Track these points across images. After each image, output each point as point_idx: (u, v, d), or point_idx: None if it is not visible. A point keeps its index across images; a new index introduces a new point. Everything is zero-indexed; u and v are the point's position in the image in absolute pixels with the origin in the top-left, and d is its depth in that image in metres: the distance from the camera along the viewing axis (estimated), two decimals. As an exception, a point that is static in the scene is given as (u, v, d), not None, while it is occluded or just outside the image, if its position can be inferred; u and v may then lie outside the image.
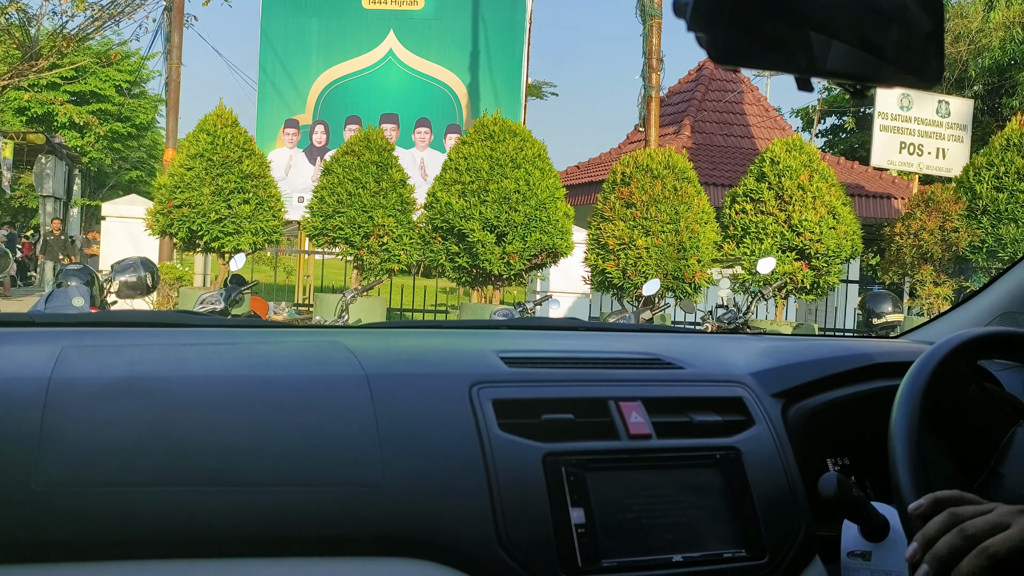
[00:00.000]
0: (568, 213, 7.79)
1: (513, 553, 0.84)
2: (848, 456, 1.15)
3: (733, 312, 6.24)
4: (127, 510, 0.77)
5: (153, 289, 5.04)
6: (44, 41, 12.93)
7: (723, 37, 0.67)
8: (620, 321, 6.19)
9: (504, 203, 7.43)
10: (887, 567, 0.91)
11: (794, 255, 7.49)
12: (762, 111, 16.91)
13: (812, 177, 7.50)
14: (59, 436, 0.79)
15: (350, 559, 0.81)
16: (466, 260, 7.66)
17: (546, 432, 0.92)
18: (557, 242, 7.59)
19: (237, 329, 1.22)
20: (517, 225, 7.46)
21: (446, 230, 7.67)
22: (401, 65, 12.60)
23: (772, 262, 6.33)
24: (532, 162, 7.59)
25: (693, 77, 17.11)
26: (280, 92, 12.59)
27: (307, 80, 12.59)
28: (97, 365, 0.89)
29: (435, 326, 1.38)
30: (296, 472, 0.82)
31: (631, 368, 1.07)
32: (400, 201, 7.89)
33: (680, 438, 0.97)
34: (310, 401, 0.89)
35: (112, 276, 4.70)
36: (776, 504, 0.96)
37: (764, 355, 1.16)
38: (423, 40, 12.54)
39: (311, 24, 12.61)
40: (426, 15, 12.55)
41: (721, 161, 14.15)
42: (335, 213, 7.82)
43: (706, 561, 0.91)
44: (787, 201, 7.45)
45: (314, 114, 12.60)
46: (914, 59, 0.73)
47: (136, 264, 4.79)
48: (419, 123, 12.53)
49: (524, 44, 12.49)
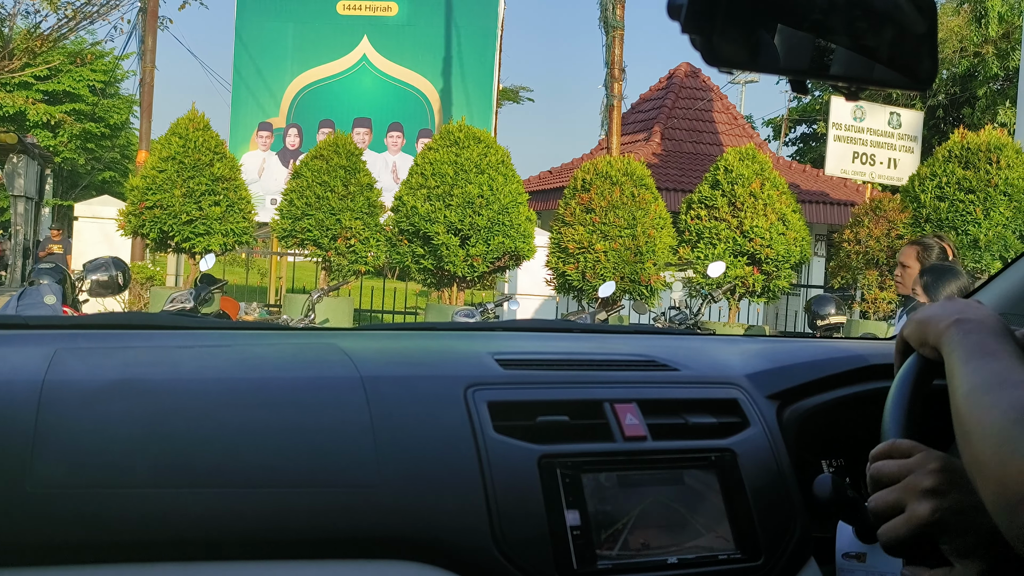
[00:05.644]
0: (530, 217, 8.08)
1: (508, 555, 0.84)
2: (843, 457, 1.15)
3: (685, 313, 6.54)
4: (122, 513, 0.77)
5: (124, 288, 5.16)
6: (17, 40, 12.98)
7: (717, 39, 0.68)
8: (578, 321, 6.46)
9: (468, 207, 7.69)
10: (882, 568, 0.90)
11: (745, 260, 7.81)
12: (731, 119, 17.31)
13: (764, 185, 7.83)
14: (53, 438, 0.78)
15: (345, 561, 0.82)
16: (431, 262, 7.91)
17: (541, 434, 0.92)
18: (519, 245, 7.86)
19: (232, 331, 1.23)
20: (480, 228, 7.72)
21: (412, 233, 7.92)
22: (374, 70, 12.81)
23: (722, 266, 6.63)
24: (495, 168, 7.86)
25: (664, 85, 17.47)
26: (254, 95, 12.74)
27: (281, 83, 12.75)
28: (91, 367, 0.89)
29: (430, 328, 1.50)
30: (291, 474, 0.82)
31: (626, 370, 1.07)
32: (367, 204, 8.13)
33: (675, 440, 0.97)
34: (305, 403, 0.89)
35: (84, 275, 4.79)
36: (771, 505, 0.97)
37: (759, 357, 1.16)
38: (396, 46, 12.74)
39: (286, 28, 12.77)
40: (399, 21, 12.76)
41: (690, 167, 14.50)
42: (304, 216, 8.04)
43: (701, 563, 0.91)
44: (739, 208, 7.78)
45: (288, 117, 12.76)
46: (907, 60, 0.73)
47: (107, 263, 4.86)
48: (392, 127, 12.75)
49: (496, 51, 12.76)
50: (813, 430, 1.09)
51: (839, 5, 0.70)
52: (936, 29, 0.74)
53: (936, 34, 0.74)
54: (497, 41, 12.76)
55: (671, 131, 16.30)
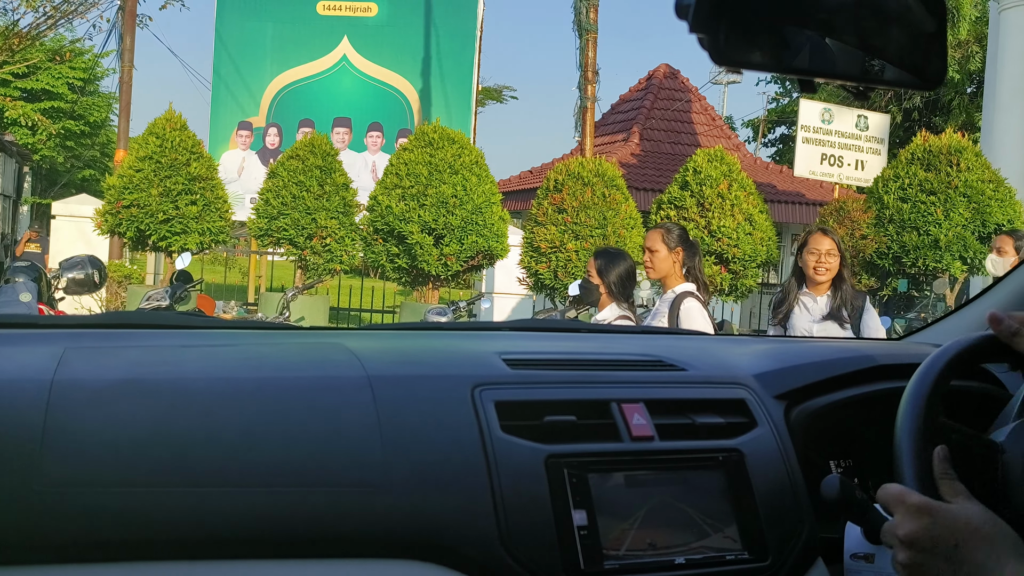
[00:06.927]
0: (504, 217, 8.23)
1: (515, 555, 0.84)
2: (851, 458, 1.15)
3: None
4: (129, 511, 0.77)
5: (100, 286, 5.20)
6: (-5, 38, 12.96)
7: (724, 38, 0.67)
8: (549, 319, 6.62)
9: (442, 207, 7.84)
10: (890, 570, 0.88)
11: (713, 259, 8.00)
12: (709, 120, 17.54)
13: (731, 186, 8.02)
14: (61, 437, 0.79)
15: (352, 561, 0.82)
16: (405, 261, 8.05)
17: (548, 434, 0.92)
18: (493, 245, 8.01)
19: (238, 331, 1.23)
20: (454, 228, 7.87)
21: (387, 232, 8.05)
22: (354, 70, 12.90)
23: (688, 265, 6.81)
24: (469, 168, 8.01)
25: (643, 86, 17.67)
26: (234, 94, 12.79)
27: (261, 83, 12.82)
28: (99, 366, 0.90)
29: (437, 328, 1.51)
30: (298, 474, 0.83)
31: (633, 370, 1.07)
32: (343, 204, 8.25)
33: (682, 440, 0.97)
34: (312, 402, 0.89)
35: (60, 273, 4.82)
36: (779, 506, 0.96)
37: (766, 357, 1.16)
38: (376, 46, 12.84)
39: (265, 28, 12.83)
40: (379, 22, 12.85)
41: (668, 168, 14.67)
42: (280, 215, 8.15)
43: (708, 563, 0.91)
44: (707, 208, 7.96)
45: (267, 117, 12.83)
46: (916, 60, 0.73)
47: (83, 261, 4.89)
48: (371, 127, 12.84)
49: (475, 51, 12.88)
50: (821, 430, 1.08)
51: (847, 4, 0.70)
52: (945, 29, 0.73)
53: (945, 34, 0.73)
54: (476, 42, 12.88)
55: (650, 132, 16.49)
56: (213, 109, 12.78)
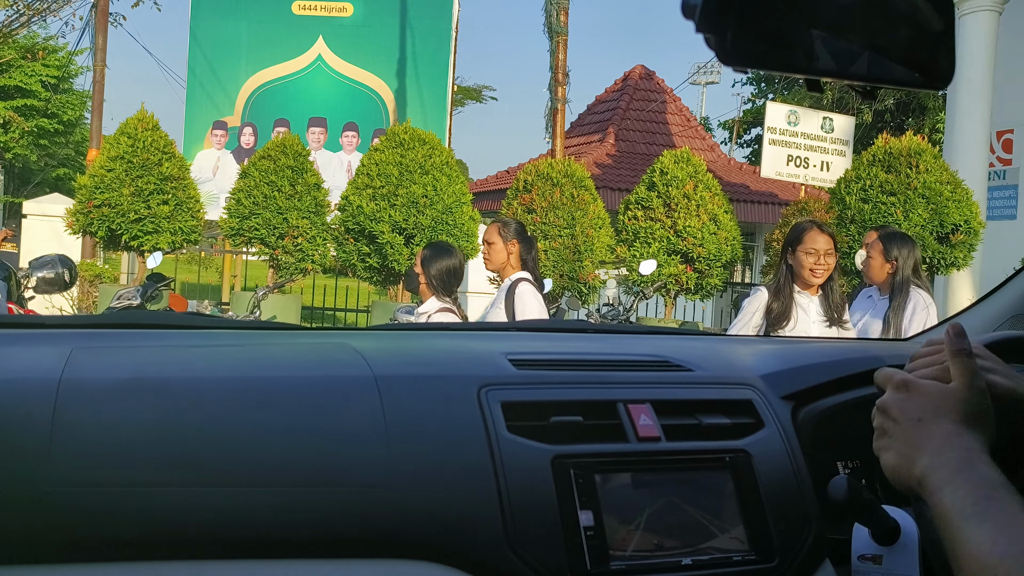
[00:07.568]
0: (474, 217, 8.35)
1: (521, 555, 0.85)
2: (859, 459, 1.14)
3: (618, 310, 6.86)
4: (136, 510, 0.78)
5: (71, 285, 5.21)
6: (-34, 37, 12.86)
7: (731, 38, 0.67)
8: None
9: (412, 207, 7.94)
10: (898, 571, 0.89)
11: (679, 258, 8.17)
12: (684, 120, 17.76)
13: (697, 187, 8.19)
14: (69, 436, 0.79)
15: (358, 561, 0.82)
16: (376, 260, 8.15)
17: (555, 434, 0.92)
18: (463, 244, 8.12)
19: (245, 331, 1.24)
20: (424, 228, 7.98)
21: (358, 232, 8.14)
22: (330, 70, 12.95)
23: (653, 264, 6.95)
24: (440, 169, 8.12)
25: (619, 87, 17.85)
26: (209, 94, 12.80)
27: (236, 83, 12.83)
28: (106, 366, 0.90)
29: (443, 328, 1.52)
30: (304, 473, 0.83)
31: (640, 370, 1.07)
32: (314, 203, 8.34)
33: (689, 440, 0.97)
34: (318, 402, 0.89)
35: (30, 272, 4.85)
36: (786, 507, 0.96)
37: (773, 357, 1.16)
38: (351, 46, 12.90)
39: (240, 28, 12.84)
40: (355, 22, 12.91)
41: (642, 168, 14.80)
42: (251, 215, 8.22)
43: (715, 564, 0.91)
44: (673, 208, 8.13)
45: (243, 116, 12.85)
46: (924, 59, 0.72)
47: (54, 260, 4.89)
48: (347, 127, 12.91)
49: (450, 52, 12.98)
50: (828, 431, 1.08)
51: (854, 4, 0.70)
52: (953, 28, 0.73)
53: (953, 33, 0.73)
54: (451, 42, 12.98)
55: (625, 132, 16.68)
56: (188, 108, 12.78)
